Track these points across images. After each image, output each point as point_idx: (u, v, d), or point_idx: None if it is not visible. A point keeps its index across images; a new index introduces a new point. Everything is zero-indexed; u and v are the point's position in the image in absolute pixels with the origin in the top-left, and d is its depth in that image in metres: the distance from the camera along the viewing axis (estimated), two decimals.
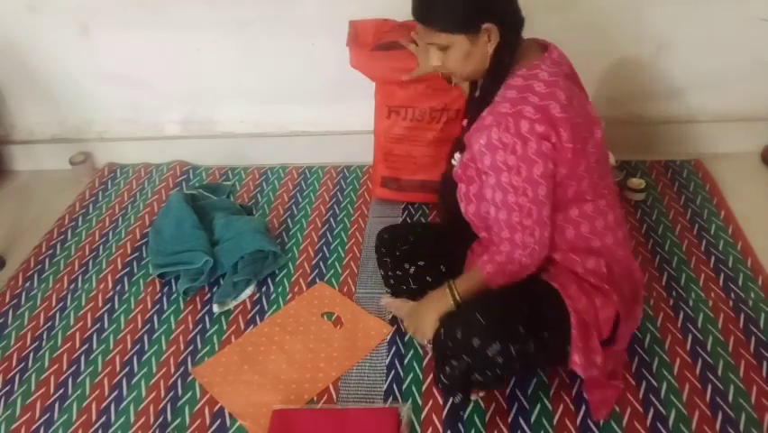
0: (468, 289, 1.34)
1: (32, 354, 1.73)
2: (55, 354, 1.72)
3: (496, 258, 1.30)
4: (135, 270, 1.98)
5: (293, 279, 1.89)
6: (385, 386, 1.54)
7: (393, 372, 1.57)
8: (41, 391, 1.63)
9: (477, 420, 1.43)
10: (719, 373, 1.49)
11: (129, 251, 2.06)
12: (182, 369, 1.65)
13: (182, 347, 1.71)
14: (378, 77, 1.92)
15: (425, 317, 1.37)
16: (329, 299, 1.79)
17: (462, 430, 1.42)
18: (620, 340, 1.36)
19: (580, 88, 1.37)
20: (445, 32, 1.24)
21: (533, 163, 1.20)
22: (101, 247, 2.10)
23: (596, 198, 1.32)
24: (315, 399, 1.52)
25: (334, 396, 1.53)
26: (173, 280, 1.90)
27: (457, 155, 1.38)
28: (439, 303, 1.36)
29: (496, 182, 1.24)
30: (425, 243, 1.62)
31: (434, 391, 1.51)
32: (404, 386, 1.53)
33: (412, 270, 1.60)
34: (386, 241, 1.66)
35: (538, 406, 1.45)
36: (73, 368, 1.68)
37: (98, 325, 1.80)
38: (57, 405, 1.59)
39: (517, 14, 1.28)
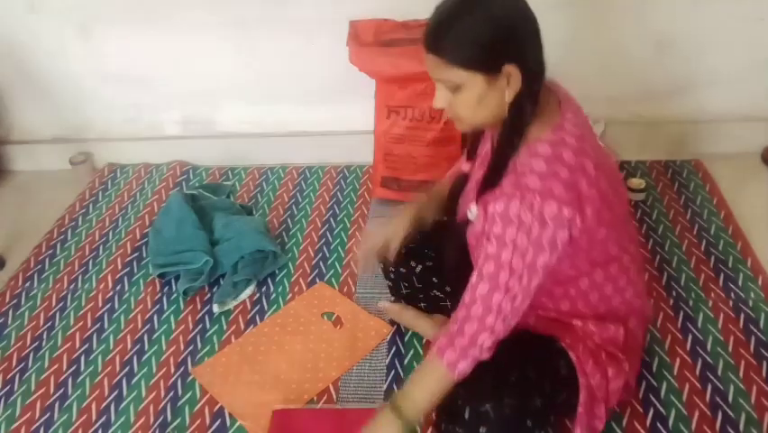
0: (424, 395, 1.16)
1: (31, 354, 1.73)
2: (55, 354, 1.72)
3: (457, 341, 1.13)
4: (135, 270, 1.98)
5: (293, 279, 1.89)
6: (385, 386, 1.54)
7: (393, 372, 1.57)
8: (41, 391, 1.63)
9: None
10: (719, 373, 1.49)
11: (129, 251, 2.06)
12: (182, 369, 1.64)
13: (182, 347, 1.71)
14: (376, 73, 1.93)
15: None
16: (329, 299, 1.79)
17: None
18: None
19: (590, 131, 1.23)
20: (461, 67, 1.06)
21: (541, 251, 1.08)
22: (101, 247, 2.10)
23: (621, 253, 1.23)
24: (315, 399, 1.52)
25: (334, 396, 1.53)
26: (173, 280, 1.90)
27: (473, 207, 1.21)
28: (388, 428, 1.16)
29: (494, 254, 1.10)
30: (432, 242, 1.55)
31: None
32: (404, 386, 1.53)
33: (419, 268, 1.56)
34: None
35: None
36: (73, 368, 1.68)
37: (98, 325, 1.80)
38: (57, 405, 1.59)
39: (542, 59, 1.11)
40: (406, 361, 1.59)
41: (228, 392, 1.56)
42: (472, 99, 1.09)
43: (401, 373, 1.56)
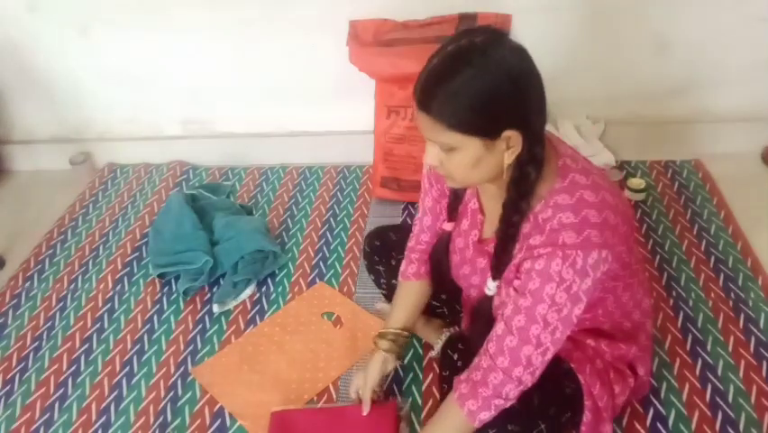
0: None
1: (31, 354, 1.73)
2: (55, 354, 1.72)
3: (480, 391, 1.10)
4: (135, 270, 1.98)
5: (293, 279, 1.89)
6: (385, 386, 1.53)
7: (393, 372, 1.56)
8: (40, 391, 1.63)
9: None
10: (719, 372, 1.49)
11: (129, 251, 2.06)
12: (182, 369, 1.65)
13: (182, 347, 1.71)
14: (376, 72, 1.93)
15: None
16: (329, 299, 1.79)
17: None
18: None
19: (581, 156, 1.18)
20: (456, 131, 0.97)
21: (577, 302, 1.04)
22: (101, 247, 2.10)
23: (631, 276, 1.20)
24: (315, 399, 1.52)
25: (334, 396, 1.53)
26: (173, 280, 1.90)
27: (491, 282, 1.16)
28: None
29: (528, 307, 1.05)
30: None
31: (434, 390, 1.51)
32: (404, 386, 1.53)
33: None
34: (378, 248, 1.58)
35: None
36: (73, 368, 1.68)
37: (98, 325, 1.80)
38: (57, 405, 1.59)
39: (544, 121, 1.04)
40: (406, 361, 1.59)
41: (228, 392, 1.56)
42: (467, 162, 1.02)
43: (401, 373, 1.56)
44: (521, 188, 1.06)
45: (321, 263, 1.94)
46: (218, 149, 2.47)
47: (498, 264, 1.14)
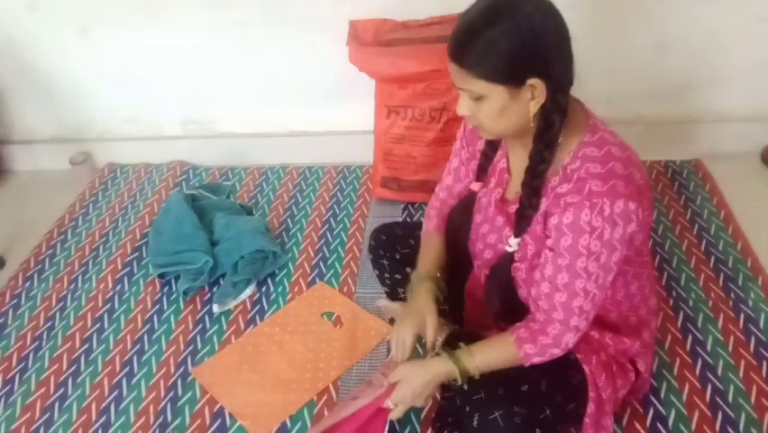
0: (489, 363, 1.18)
1: (31, 354, 1.73)
2: (55, 354, 1.72)
3: (540, 339, 1.15)
4: (135, 270, 1.98)
5: (293, 279, 1.89)
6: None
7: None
8: (40, 391, 1.63)
9: None
10: (719, 372, 1.49)
11: (129, 251, 2.06)
12: (182, 369, 1.65)
13: (182, 347, 1.71)
14: (376, 73, 1.93)
15: (423, 392, 1.21)
16: (329, 299, 1.79)
17: None
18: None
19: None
20: (483, 79, 1.05)
21: (614, 250, 1.08)
22: (101, 247, 2.10)
23: (641, 267, 1.23)
24: (315, 399, 1.52)
25: (334, 395, 1.53)
26: (173, 280, 1.90)
27: (513, 240, 1.19)
28: (442, 378, 1.19)
29: (568, 265, 1.10)
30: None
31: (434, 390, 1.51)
32: None
33: (414, 273, 1.55)
34: (383, 242, 1.58)
35: None
36: (73, 368, 1.68)
37: (98, 325, 1.80)
38: (57, 405, 1.59)
39: (570, 72, 1.09)
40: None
41: (228, 392, 1.56)
42: (494, 110, 1.08)
43: None
44: (546, 137, 1.11)
45: (321, 263, 1.94)
46: (218, 149, 2.47)
47: (522, 220, 1.17)
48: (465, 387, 1.18)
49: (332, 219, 2.13)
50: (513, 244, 1.20)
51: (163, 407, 1.55)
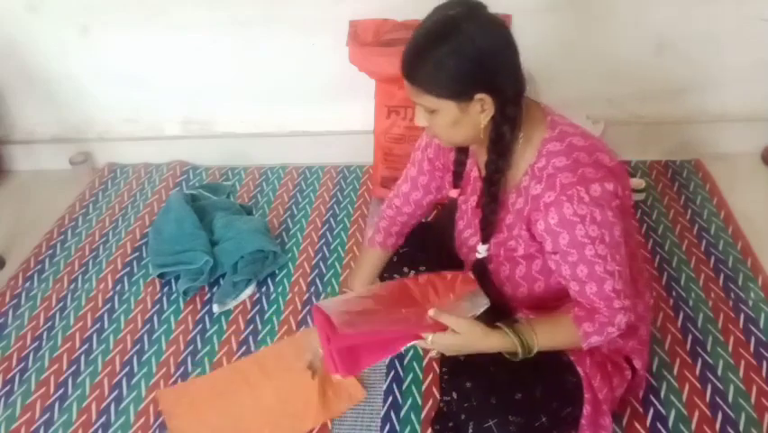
0: (550, 341, 1.18)
1: (32, 354, 1.73)
2: (55, 354, 1.72)
3: (597, 317, 1.15)
4: (135, 270, 1.98)
5: (293, 279, 1.89)
6: (385, 386, 1.54)
7: (393, 372, 1.57)
8: (40, 391, 1.63)
9: None
10: (719, 373, 1.49)
11: (129, 251, 2.06)
12: (182, 369, 1.65)
13: (182, 347, 1.71)
14: (376, 73, 1.92)
15: (466, 351, 1.19)
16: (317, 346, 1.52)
17: None
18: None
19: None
20: (433, 95, 1.10)
21: (612, 226, 1.10)
22: (101, 247, 2.10)
23: (630, 259, 1.23)
24: None
25: None
26: (173, 280, 1.90)
27: (481, 246, 1.24)
28: (497, 349, 1.17)
29: (579, 258, 1.11)
30: (426, 247, 1.54)
31: (434, 390, 1.51)
32: (404, 386, 1.53)
33: (411, 274, 1.52)
34: None
35: None
36: (73, 368, 1.68)
37: (98, 325, 1.80)
38: (57, 405, 1.59)
39: (518, 84, 1.13)
40: (405, 361, 1.59)
41: (184, 428, 1.49)
42: (447, 123, 1.13)
43: (401, 374, 1.56)
44: (498, 148, 1.15)
45: (321, 263, 1.94)
46: (218, 149, 2.47)
47: (487, 226, 1.21)
48: (519, 356, 1.16)
49: (332, 219, 2.13)
50: (482, 250, 1.24)
51: None
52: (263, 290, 1.86)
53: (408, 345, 1.18)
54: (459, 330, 1.14)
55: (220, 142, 2.47)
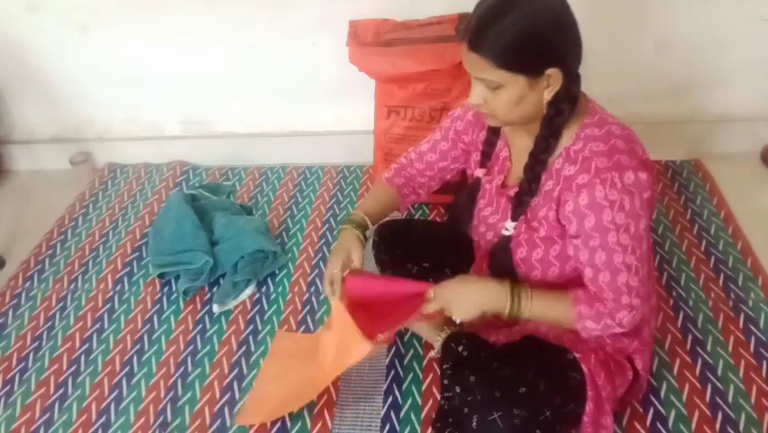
0: (544, 312, 1.21)
1: (32, 354, 1.73)
2: (55, 354, 1.72)
3: (597, 305, 1.16)
4: (135, 270, 1.98)
5: (293, 279, 1.89)
6: (385, 386, 1.54)
7: (393, 372, 1.57)
8: (40, 391, 1.63)
9: None
10: (719, 373, 1.49)
11: (129, 251, 2.06)
12: (182, 369, 1.65)
13: (182, 347, 1.71)
14: (376, 73, 1.93)
15: (469, 300, 1.24)
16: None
17: None
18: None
19: None
20: (504, 69, 1.05)
21: (639, 218, 1.09)
22: (101, 247, 2.10)
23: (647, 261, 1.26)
24: (315, 399, 1.52)
25: (334, 396, 1.53)
26: (173, 280, 1.90)
27: (509, 223, 1.23)
28: (491, 301, 1.22)
29: (600, 244, 1.11)
30: (429, 243, 1.56)
31: (434, 390, 1.51)
32: (404, 386, 1.53)
33: (414, 270, 1.55)
34: (386, 238, 1.59)
35: None
36: (73, 368, 1.68)
37: (98, 325, 1.80)
38: (57, 405, 1.59)
39: (581, 60, 1.13)
40: (406, 361, 1.59)
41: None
42: (512, 99, 1.10)
43: (401, 373, 1.56)
44: (554, 124, 1.14)
45: (321, 263, 1.94)
46: (218, 149, 2.47)
47: (519, 204, 1.20)
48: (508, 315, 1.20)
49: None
50: (509, 227, 1.24)
51: (163, 407, 1.56)
52: (263, 290, 1.86)
53: (415, 315, 1.25)
54: (457, 279, 1.24)
55: (220, 142, 2.47)
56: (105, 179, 2.44)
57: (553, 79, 1.08)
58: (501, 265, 1.27)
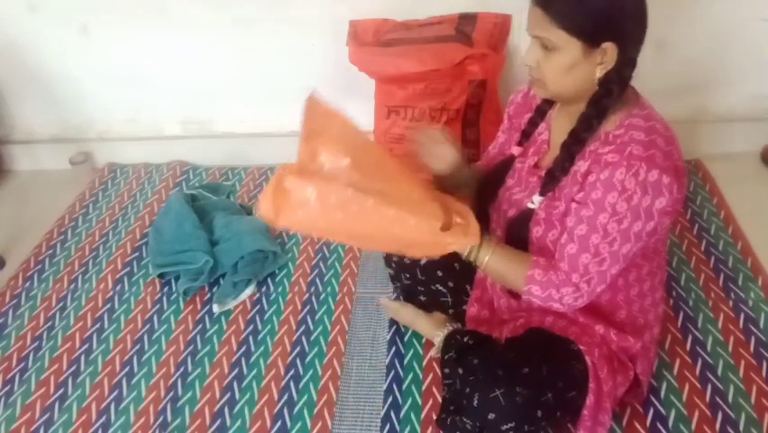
0: (500, 262, 1.18)
1: (32, 354, 1.73)
2: (55, 354, 1.72)
3: (551, 273, 1.15)
4: (135, 270, 1.98)
5: (293, 279, 1.89)
6: (385, 386, 1.54)
7: (393, 372, 1.57)
8: (40, 391, 1.63)
9: None
10: (719, 373, 1.49)
11: (129, 251, 2.06)
12: (182, 369, 1.65)
13: (182, 347, 1.71)
14: (376, 73, 1.93)
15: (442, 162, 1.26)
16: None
17: None
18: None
19: None
20: (564, 29, 1.05)
21: (637, 219, 1.08)
22: (101, 247, 2.10)
23: (658, 268, 1.26)
24: (315, 399, 1.52)
25: (334, 395, 1.53)
26: (173, 280, 1.90)
27: (536, 197, 1.21)
28: (463, 241, 1.15)
29: (590, 216, 1.10)
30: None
31: (434, 390, 1.51)
32: (404, 386, 1.53)
33: (423, 260, 1.50)
34: None
35: None
36: (73, 368, 1.68)
37: (98, 325, 1.80)
38: (57, 405, 1.59)
39: (641, 45, 1.13)
40: (406, 361, 1.59)
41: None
42: (564, 64, 1.09)
43: (401, 373, 1.56)
44: (600, 104, 1.12)
45: (321, 263, 1.94)
46: (218, 149, 2.47)
47: (550, 180, 1.19)
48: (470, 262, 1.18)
49: None
50: (536, 201, 1.21)
51: (163, 407, 1.56)
52: (263, 290, 1.86)
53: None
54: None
55: (220, 142, 2.47)
56: (105, 179, 2.44)
57: (608, 56, 1.08)
58: (515, 240, 1.25)
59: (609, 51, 1.07)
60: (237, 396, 1.56)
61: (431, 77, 1.87)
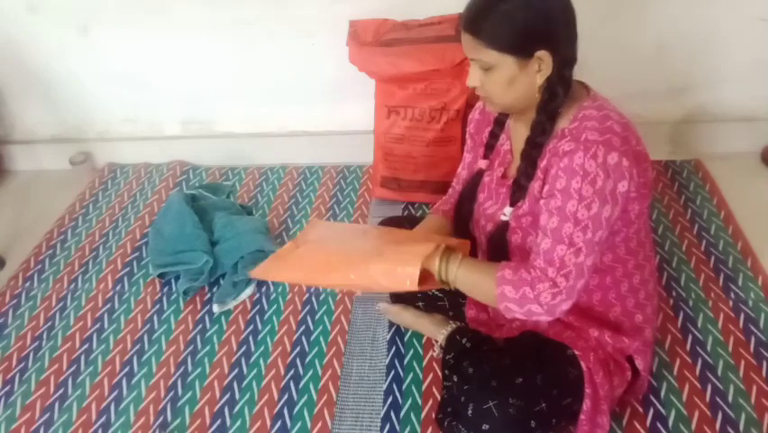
0: (468, 277, 1.18)
1: (32, 354, 1.73)
2: (55, 354, 1.72)
3: (521, 272, 1.14)
4: (135, 270, 1.98)
5: None
6: (385, 386, 1.54)
7: (393, 372, 1.57)
8: (40, 391, 1.63)
9: None
10: (719, 373, 1.49)
11: (129, 251, 2.06)
12: (182, 369, 1.65)
13: (182, 347, 1.71)
14: (376, 73, 1.93)
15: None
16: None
17: None
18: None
19: None
20: (494, 49, 1.09)
21: (605, 202, 1.08)
22: (101, 247, 2.10)
23: (645, 259, 1.26)
24: (316, 399, 1.52)
25: (334, 395, 1.53)
26: (173, 280, 1.90)
27: (507, 209, 1.24)
28: (429, 254, 1.18)
29: (559, 207, 1.10)
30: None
31: (434, 390, 1.51)
32: (404, 386, 1.53)
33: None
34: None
35: None
36: (73, 368, 1.68)
37: (98, 325, 1.80)
38: (57, 405, 1.59)
39: (575, 47, 1.14)
40: (406, 361, 1.59)
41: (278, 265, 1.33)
42: (503, 80, 1.12)
43: (401, 373, 1.56)
44: (549, 108, 1.15)
45: None
46: (218, 149, 2.47)
47: (517, 189, 1.21)
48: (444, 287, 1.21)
49: (332, 219, 2.12)
50: (507, 213, 1.24)
51: (163, 407, 1.56)
52: (263, 290, 1.86)
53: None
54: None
55: (220, 142, 2.47)
56: (105, 179, 2.44)
57: (544, 63, 1.10)
58: (498, 254, 1.26)
59: (544, 58, 1.10)
60: (237, 396, 1.56)
61: (431, 77, 1.87)
